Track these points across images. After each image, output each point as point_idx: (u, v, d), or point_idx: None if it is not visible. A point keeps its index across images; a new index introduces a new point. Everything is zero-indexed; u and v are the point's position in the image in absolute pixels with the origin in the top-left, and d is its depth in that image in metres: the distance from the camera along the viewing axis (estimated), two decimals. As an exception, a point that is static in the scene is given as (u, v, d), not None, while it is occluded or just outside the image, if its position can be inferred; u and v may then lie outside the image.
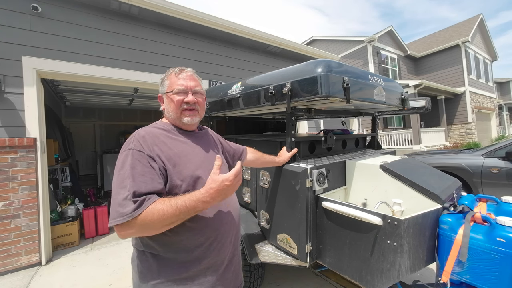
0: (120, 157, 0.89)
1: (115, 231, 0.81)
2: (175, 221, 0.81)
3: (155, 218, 0.77)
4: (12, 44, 2.86)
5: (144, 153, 0.88)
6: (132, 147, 0.88)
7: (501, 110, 17.93)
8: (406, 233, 1.16)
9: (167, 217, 0.78)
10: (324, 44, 14.29)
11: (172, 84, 1.04)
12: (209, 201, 0.82)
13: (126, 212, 0.77)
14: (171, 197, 0.82)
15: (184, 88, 1.03)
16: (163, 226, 0.80)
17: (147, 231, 0.81)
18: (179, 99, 1.02)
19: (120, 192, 0.81)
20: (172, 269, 0.89)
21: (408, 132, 9.89)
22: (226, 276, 1.01)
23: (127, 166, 0.84)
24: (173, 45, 4.11)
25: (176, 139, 1.01)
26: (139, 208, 0.77)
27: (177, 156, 0.95)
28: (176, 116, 1.04)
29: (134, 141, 0.90)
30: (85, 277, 2.57)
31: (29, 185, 2.82)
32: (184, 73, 1.06)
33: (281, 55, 5.62)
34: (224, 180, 0.82)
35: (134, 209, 0.77)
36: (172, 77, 1.05)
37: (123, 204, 0.78)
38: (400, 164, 1.71)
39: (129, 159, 0.86)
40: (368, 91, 1.67)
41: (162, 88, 1.08)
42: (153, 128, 1.01)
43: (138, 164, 0.85)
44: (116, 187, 0.83)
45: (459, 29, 13.66)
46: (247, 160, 1.46)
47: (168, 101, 1.04)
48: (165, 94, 1.05)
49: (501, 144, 3.81)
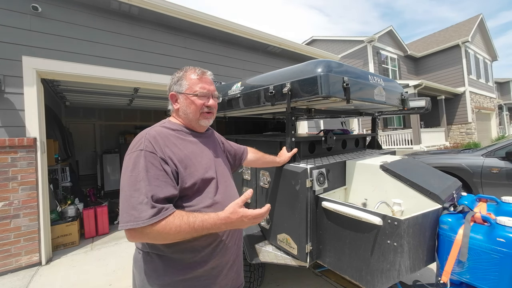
0: (131, 157, 0.86)
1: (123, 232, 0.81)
2: (188, 237, 0.83)
3: (171, 232, 0.78)
4: (12, 44, 2.86)
5: (156, 155, 0.86)
6: (143, 148, 0.86)
7: (501, 110, 17.93)
8: (406, 233, 1.16)
9: (182, 234, 0.80)
10: (324, 44, 14.29)
11: (193, 85, 1.02)
12: (223, 228, 0.85)
13: (142, 218, 0.76)
14: (189, 213, 0.83)
15: (207, 91, 1.03)
16: (174, 239, 0.82)
17: (158, 240, 0.82)
18: (201, 103, 1.02)
19: (133, 195, 0.79)
20: (178, 269, 0.89)
21: (408, 132, 9.89)
22: (229, 276, 1.02)
23: (141, 168, 0.82)
24: (173, 45, 4.11)
25: (185, 139, 1.01)
26: (157, 215, 0.77)
27: (188, 158, 0.94)
28: (195, 118, 1.04)
29: (146, 142, 0.88)
30: (85, 277, 2.57)
31: (29, 185, 2.82)
32: (206, 76, 1.06)
33: (281, 55, 5.62)
34: (244, 216, 0.83)
35: (151, 216, 0.76)
36: (192, 78, 1.03)
37: (139, 208, 0.77)
38: (400, 164, 1.71)
39: (141, 161, 0.84)
40: (368, 91, 1.67)
41: (178, 87, 1.04)
42: (162, 128, 0.99)
43: (152, 167, 0.84)
44: (128, 189, 0.81)
45: (459, 29, 13.66)
46: (248, 160, 1.46)
47: (188, 102, 1.02)
48: (184, 95, 1.03)
49: (501, 144, 3.81)
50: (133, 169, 0.83)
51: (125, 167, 0.86)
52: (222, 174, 1.06)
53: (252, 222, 0.86)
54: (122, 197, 0.81)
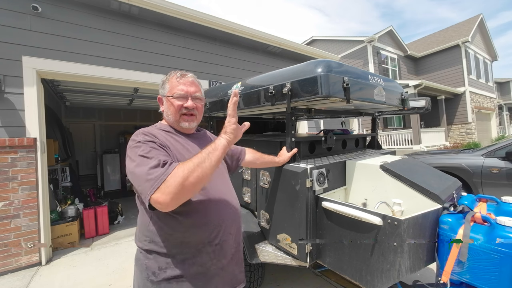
0: (132, 149, 0.90)
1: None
2: (213, 168, 0.83)
3: (185, 173, 0.77)
4: (12, 44, 2.86)
5: (155, 142, 0.91)
6: (141, 139, 0.91)
7: (501, 110, 17.93)
8: (406, 233, 1.16)
9: (196, 165, 0.79)
10: (324, 44, 14.29)
11: (173, 88, 1.05)
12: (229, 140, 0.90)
13: (159, 175, 0.77)
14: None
15: (184, 93, 1.05)
16: (204, 177, 0.80)
17: (185, 189, 0.77)
18: (178, 104, 1.04)
19: (143, 169, 0.81)
20: (177, 266, 0.92)
21: (408, 132, 9.88)
22: (229, 271, 1.03)
23: (143, 152, 0.86)
24: (173, 45, 4.11)
25: (176, 140, 1.04)
26: (169, 167, 0.79)
27: (179, 153, 0.99)
28: (175, 120, 1.07)
29: (142, 135, 0.94)
30: (85, 277, 2.57)
31: (29, 185, 2.82)
32: (185, 78, 1.08)
33: (281, 55, 5.62)
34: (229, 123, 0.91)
35: (165, 170, 0.79)
36: (173, 81, 1.07)
37: (151, 172, 0.79)
38: (400, 164, 1.71)
39: (142, 147, 0.88)
40: (368, 91, 1.67)
41: (162, 91, 1.09)
42: (153, 128, 1.05)
43: (153, 150, 0.87)
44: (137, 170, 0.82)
45: (459, 29, 13.66)
46: (246, 160, 1.46)
47: (168, 104, 1.06)
48: (165, 97, 1.08)
49: (501, 144, 3.80)
50: (135, 156, 0.87)
51: (128, 160, 0.89)
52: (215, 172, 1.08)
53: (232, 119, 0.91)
54: (134, 179, 0.83)
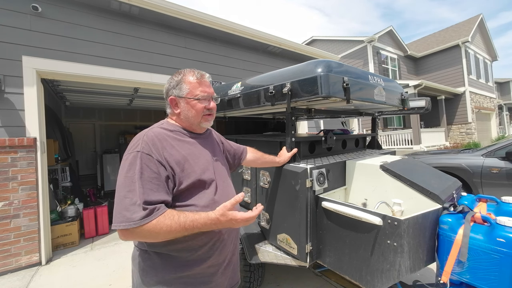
0: (128, 158, 0.87)
1: (117, 232, 0.82)
2: (179, 236, 0.84)
3: (162, 232, 0.79)
4: (12, 44, 2.86)
5: (153, 157, 0.87)
6: (140, 150, 0.87)
7: (501, 110, 17.93)
8: (406, 233, 1.16)
9: (172, 233, 0.81)
10: (324, 44, 14.29)
11: (194, 89, 1.02)
12: (214, 228, 0.87)
13: (134, 219, 0.77)
14: (180, 213, 0.84)
15: (207, 95, 1.04)
16: (165, 238, 0.83)
17: (148, 239, 0.84)
18: (202, 106, 1.03)
19: (127, 195, 0.81)
20: (175, 267, 0.91)
21: (408, 132, 9.88)
22: (226, 274, 1.03)
23: (136, 170, 0.83)
24: (173, 45, 4.11)
25: (183, 141, 1.02)
26: (148, 217, 0.79)
27: (185, 159, 0.95)
28: (197, 121, 1.05)
29: (143, 143, 0.89)
30: (85, 277, 2.57)
31: (29, 185, 2.82)
32: (205, 79, 1.07)
33: (281, 55, 5.62)
34: (233, 219, 0.85)
35: (142, 217, 0.78)
36: (191, 81, 1.03)
37: (131, 209, 0.79)
38: (400, 164, 1.71)
39: (137, 162, 0.85)
40: (368, 91, 1.67)
41: (178, 92, 1.03)
42: (160, 129, 1.00)
43: (147, 168, 0.85)
44: (122, 190, 0.82)
45: (459, 29, 13.66)
46: (247, 159, 1.46)
47: (189, 106, 1.02)
48: (184, 99, 1.02)
49: (501, 144, 3.80)
50: (128, 170, 0.85)
51: (121, 168, 0.87)
52: (220, 174, 1.07)
53: (243, 223, 0.88)
54: (117, 198, 0.83)
